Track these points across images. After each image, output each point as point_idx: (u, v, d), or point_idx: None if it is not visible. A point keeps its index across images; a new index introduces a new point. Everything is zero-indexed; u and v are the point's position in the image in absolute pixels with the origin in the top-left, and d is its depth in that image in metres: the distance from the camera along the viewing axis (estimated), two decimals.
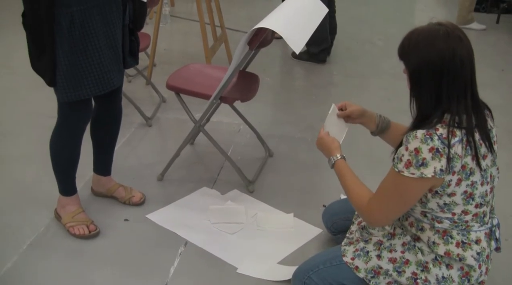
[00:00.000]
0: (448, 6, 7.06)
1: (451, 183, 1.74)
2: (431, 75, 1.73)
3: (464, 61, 1.72)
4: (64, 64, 2.23)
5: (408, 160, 1.72)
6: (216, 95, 2.78)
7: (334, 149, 2.10)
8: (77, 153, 2.55)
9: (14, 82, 4.36)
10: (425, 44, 1.74)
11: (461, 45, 1.73)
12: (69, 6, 2.17)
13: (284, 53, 5.19)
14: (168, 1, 6.39)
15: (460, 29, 1.77)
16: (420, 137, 1.70)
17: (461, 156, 1.71)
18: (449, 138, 1.69)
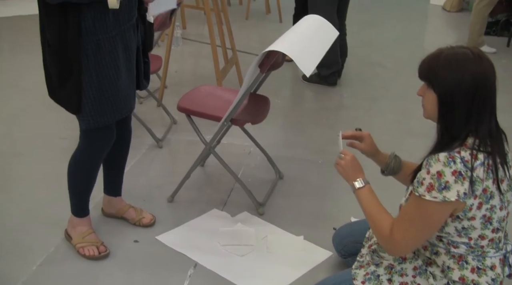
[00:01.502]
0: (459, 29, 7.07)
1: (473, 207, 1.72)
2: (464, 97, 1.71)
3: (493, 85, 1.73)
4: (90, 91, 2.27)
5: (430, 183, 1.69)
6: (227, 117, 2.79)
7: (358, 173, 2.01)
8: (95, 176, 2.58)
9: (27, 103, 4.41)
10: (459, 66, 1.72)
11: (491, 67, 1.73)
12: (96, 34, 2.21)
13: (295, 75, 5.21)
14: (180, 24, 6.45)
15: (483, 52, 1.77)
16: (443, 160, 1.68)
17: (482, 179, 1.69)
18: (472, 161, 1.68)
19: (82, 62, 2.22)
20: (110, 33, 2.25)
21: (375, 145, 2.20)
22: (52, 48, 2.23)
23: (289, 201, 3.12)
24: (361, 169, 2.02)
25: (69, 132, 2.46)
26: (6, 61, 5.66)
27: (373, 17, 7.80)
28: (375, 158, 2.21)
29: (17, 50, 6.07)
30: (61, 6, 2.13)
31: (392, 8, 8.50)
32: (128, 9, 2.29)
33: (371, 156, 2.21)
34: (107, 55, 2.26)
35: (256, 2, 8.23)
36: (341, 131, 2.18)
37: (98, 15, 2.19)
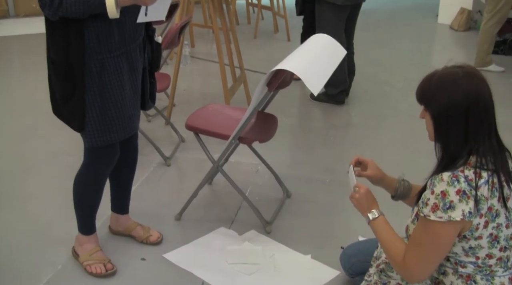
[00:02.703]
0: (467, 48, 7.07)
1: (479, 226, 1.71)
2: (458, 117, 1.72)
3: (488, 101, 1.73)
4: (94, 109, 2.28)
5: (434, 203, 1.68)
6: (234, 135, 2.80)
7: (372, 205, 2.00)
8: (101, 194, 2.58)
9: (35, 120, 4.43)
10: (449, 86, 1.74)
11: (484, 85, 1.74)
12: (100, 53, 2.22)
13: (303, 94, 5.22)
14: (189, 42, 6.50)
15: (479, 71, 1.78)
16: (446, 180, 1.68)
17: (487, 197, 1.68)
18: (476, 180, 1.67)
19: (86, 80, 2.23)
20: (115, 52, 2.27)
21: (381, 170, 2.19)
22: (56, 67, 2.25)
23: (297, 219, 3.11)
24: (375, 201, 2.02)
25: (77, 149, 2.47)
26: (15, 78, 5.70)
27: (380, 36, 7.82)
28: (382, 183, 2.19)
29: (26, 68, 6.12)
30: (64, 25, 2.15)
31: (399, 27, 8.53)
32: (134, 28, 2.30)
33: (378, 182, 2.19)
34: (111, 75, 2.28)
35: (265, 21, 8.27)
36: (351, 165, 2.17)
37: (103, 34, 2.20)
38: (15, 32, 7.50)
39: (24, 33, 7.40)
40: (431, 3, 9.70)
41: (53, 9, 2.07)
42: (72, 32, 2.16)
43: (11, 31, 7.56)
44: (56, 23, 2.15)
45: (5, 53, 6.72)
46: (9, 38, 7.26)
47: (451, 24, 8.29)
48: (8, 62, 6.43)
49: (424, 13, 9.49)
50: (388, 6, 10.45)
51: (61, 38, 2.18)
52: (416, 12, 9.70)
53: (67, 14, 2.09)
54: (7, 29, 7.67)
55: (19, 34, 7.41)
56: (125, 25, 2.26)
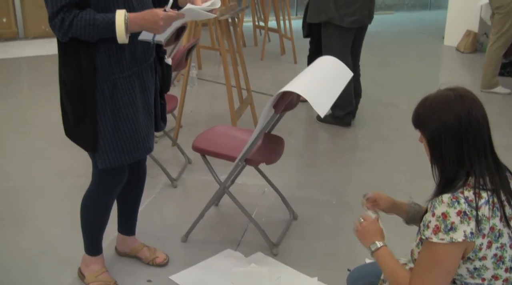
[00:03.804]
0: (473, 70, 7.09)
1: (482, 246, 1.70)
2: (451, 139, 1.73)
3: (481, 121, 1.75)
4: (107, 130, 2.28)
5: (435, 225, 1.68)
6: (241, 157, 2.80)
7: (374, 237, 1.98)
8: (108, 215, 2.58)
9: (44, 140, 4.46)
10: (441, 109, 1.76)
11: (476, 105, 1.76)
12: (112, 74, 2.24)
13: (309, 116, 5.24)
14: (196, 64, 6.54)
15: (471, 91, 1.80)
16: (446, 201, 1.68)
17: (488, 217, 1.68)
18: (476, 200, 1.67)
19: (98, 101, 2.24)
20: (127, 73, 2.28)
21: (390, 198, 2.18)
22: (68, 87, 2.26)
23: (303, 241, 3.10)
24: (378, 232, 1.99)
25: (85, 170, 2.48)
26: (25, 99, 5.75)
27: (386, 58, 7.86)
28: (394, 210, 2.18)
29: (34, 89, 6.17)
30: (75, 46, 2.17)
31: (405, 49, 8.56)
32: (145, 48, 2.33)
33: (390, 210, 2.17)
34: (124, 95, 2.29)
35: (271, 43, 8.33)
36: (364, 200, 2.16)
37: (114, 55, 2.22)
38: (24, 53, 7.58)
39: (33, 55, 7.48)
40: (437, 25, 9.76)
41: (63, 30, 2.10)
42: (83, 53, 2.18)
43: (20, 52, 7.64)
44: (67, 44, 2.18)
45: (15, 74, 6.79)
46: (18, 60, 7.34)
47: (457, 46, 8.33)
48: (17, 83, 6.49)
49: (430, 35, 9.55)
50: (394, 28, 10.51)
51: (73, 59, 2.20)
52: (422, 34, 9.76)
53: (77, 36, 2.12)
54: (16, 50, 7.75)
55: (28, 55, 7.49)
56: (136, 45, 2.28)
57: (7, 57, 7.40)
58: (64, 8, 2.08)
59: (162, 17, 2.13)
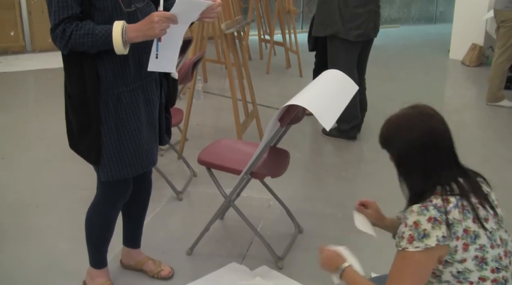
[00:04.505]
0: (478, 84, 7.09)
1: (458, 249, 1.74)
2: (416, 155, 1.82)
3: (443, 134, 1.83)
4: (110, 143, 2.29)
5: (409, 235, 1.74)
6: (246, 170, 2.81)
7: (336, 261, 2.06)
8: (112, 228, 2.58)
9: (49, 153, 4.47)
10: (403, 127, 1.86)
11: (436, 120, 1.84)
12: (117, 87, 2.25)
13: (315, 129, 5.24)
14: (201, 77, 6.56)
15: (431, 107, 1.89)
16: (416, 210, 1.75)
17: (460, 220, 1.73)
18: (444, 205, 1.74)
19: (102, 114, 2.25)
20: (132, 86, 2.29)
21: (381, 213, 2.27)
22: (72, 100, 2.27)
23: (309, 255, 3.09)
24: (337, 257, 2.08)
25: (91, 182, 2.48)
26: (32, 112, 5.77)
27: (392, 71, 7.87)
28: (381, 224, 2.26)
29: (40, 101, 6.20)
30: (79, 58, 2.18)
31: (411, 63, 8.57)
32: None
33: (377, 222, 2.26)
34: (127, 108, 2.29)
35: (277, 57, 8.35)
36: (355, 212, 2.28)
37: (118, 68, 2.23)
38: (31, 66, 7.63)
39: (40, 68, 7.52)
40: (443, 39, 9.78)
41: (64, 41, 2.11)
42: (87, 66, 2.19)
43: (27, 65, 7.69)
44: (71, 57, 2.19)
45: (22, 87, 6.82)
46: (25, 73, 7.38)
47: (462, 60, 8.33)
48: (24, 95, 6.52)
49: (435, 48, 9.56)
50: (399, 42, 10.53)
51: (77, 72, 2.22)
52: (427, 48, 9.78)
53: (76, 47, 2.13)
54: (23, 63, 7.80)
55: (35, 68, 7.54)
56: (142, 59, 2.28)
57: (15, 70, 7.45)
58: (66, 20, 2.11)
59: (156, 14, 2.11)
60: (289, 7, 7.51)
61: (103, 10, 2.17)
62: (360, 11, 4.54)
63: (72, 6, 2.11)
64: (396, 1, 13.03)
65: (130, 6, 2.24)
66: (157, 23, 2.09)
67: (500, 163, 4.42)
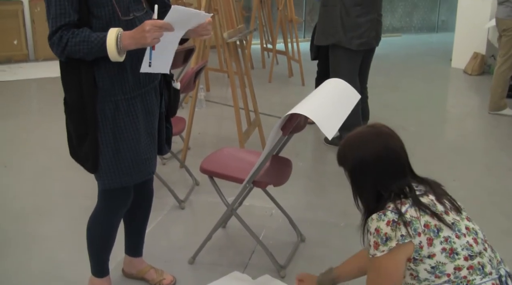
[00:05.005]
0: (480, 93, 7.09)
1: (422, 244, 1.82)
2: (368, 171, 1.94)
3: (398, 151, 1.96)
4: (107, 151, 2.29)
5: (374, 241, 1.84)
6: (249, 179, 2.81)
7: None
8: (114, 236, 2.58)
9: (52, 161, 4.48)
10: (358, 145, 1.97)
11: (392, 139, 1.98)
12: (114, 95, 2.25)
13: (317, 138, 5.24)
14: (204, 86, 6.57)
15: (387, 126, 2.04)
16: (375, 218, 1.86)
17: (417, 217, 1.83)
18: (399, 207, 1.84)
19: (99, 122, 2.25)
20: (129, 95, 2.29)
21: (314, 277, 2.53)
22: (70, 108, 2.28)
23: (311, 264, 3.08)
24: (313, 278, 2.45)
25: (92, 191, 2.48)
26: (34, 120, 5.79)
27: (394, 80, 7.87)
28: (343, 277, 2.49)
29: (43, 110, 6.22)
30: (77, 66, 2.19)
31: (413, 72, 8.58)
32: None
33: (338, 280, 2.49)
34: (125, 117, 2.29)
35: (279, 66, 8.37)
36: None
37: (116, 76, 2.23)
38: (34, 75, 7.66)
39: (43, 77, 7.55)
40: (445, 48, 9.79)
41: (61, 48, 2.12)
42: (84, 74, 2.19)
43: (30, 74, 7.72)
44: (69, 65, 2.20)
45: (24, 96, 6.85)
46: (28, 81, 7.41)
47: (464, 69, 8.34)
48: (27, 104, 6.55)
49: (437, 57, 9.57)
50: (401, 50, 10.55)
51: (74, 80, 2.22)
52: (429, 57, 9.79)
53: (72, 54, 2.13)
54: (27, 72, 7.84)
55: (38, 77, 7.56)
56: (140, 67, 2.28)
57: (18, 78, 7.48)
58: (63, 27, 2.11)
59: (148, 23, 2.09)
60: (291, 16, 7.54)
61: (100, 18, 2.18)
62: (362, 20, 4.55)
63: (70, 14, 2.12)
64: (398, 10, 13.07)
65: (128, 14, 2.24)
66: (148, 32, 2.07)
67: (503, 172, 4.41)
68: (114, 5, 2.18)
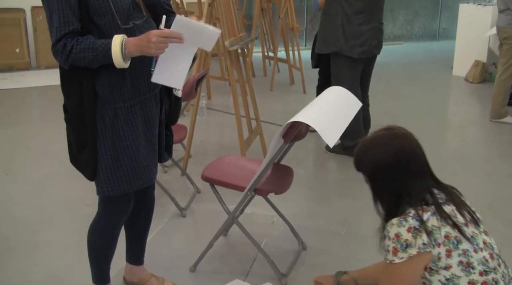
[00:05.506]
0: (482, 100, 7.10)
1: (441, 255, 1.79)
2: (389, 175, 1.90)
3: (414, 152, 1.93)
4: (106, 159, 2.29)
5: (393, 247, 1.81)
6: (250, 187, 2.81)
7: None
8: (115, 244, 2.58)
9: (53, 169, 4.48)
10: (374, 149, 1.95)
11: (408, 139, 1.95)
12: (114, 103, 2.25)
13: (318, 146, 5.24)
14: (205, 94, 6.58)
15: (403, 128, 2.00)
16: (396, 223, 1.82)
17: (439, 226, 1.80)
18: (421, 214, 1.81)
19: (99, 130, 2.26)
20: (129, 102, 2.29)
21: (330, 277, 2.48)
22: (70, 115, 2.28)
23: (313, 272, 3.07)
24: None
25: (94, 199, 2.48)
26: (36, 128, 5.80)
27: (395, 88, 7.88)
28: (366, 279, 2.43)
29: (44, 118, 6.23)
30: (77, 73, 2.19)
31: (414, 80, 8.59)
32: (147, 78, 2.31)
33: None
34: (125, 125, 2.30)
35: (281, 74, 8.38)
36: None
37: (116, 83, 2.24)
38: (36, 83, 7.68)
39: (45, 84, 7.57)
40: (446, 56, 9.81)
41: (65, 55, 2.12)
42: (85, 82, 2.20)
43: (32, 82, 7.74)
44: (69, 72, 2.21)
45: (27, 103, 6.87)
46: (30, 89, 7.43)
47: (465, 76, 8.35)
48: (29, 112, 6.56)
49: (438, 65, 9.59)
50: (402, 58, 10.57)
51: (74, 87, 2.22)
52: (430, 65, 9.80)
53: (76, 61, 2.14)
54: (29, 80, 7.86)
55: (40, 85, 7.58)
56: (138, 75, 2.29)
57: (20, 86, 7.50)
58: (67, 35, 2.12)
59: (154, 33, 2.11)
60: (293, 24, 7.56)
61: (101, 26, 2.19)
62: (363, 29, 4.56)
63: (73, 22, 2.13)
64: (399, 18, 13.10)
65: (128, 22, 2.24)
66: (154, 43, 2.10)
67: (504, 180, 4.41)
68: (113, 14, 2.19)
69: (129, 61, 2.18)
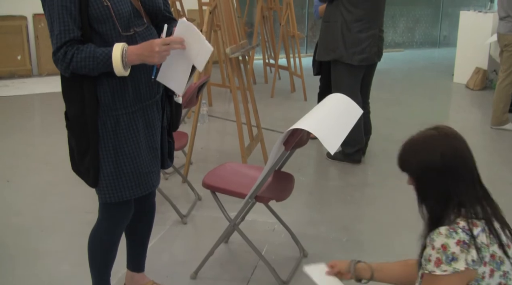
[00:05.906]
0: (483, 107, 7.10)
1: (485, 275, 1.71)
2: (437, 177, 1.79)
3: (465, 155, 1.82)
4: (108, 165, 2.29)
5: (437, 258, 1.70)
6: (251, 194, 2.81)
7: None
8: (115, 250, 2.57)
9: (54, 177, 4.48)
10: (424, 148, 1.83)
11: (458, 141, 1.83)
12: (115, 109, 2.26)
13: (319, 153, 5.24)
14: (206, 101, 6.59)
15: (452, 128, 1.88)
16: (444, 233, 1.71)
17: (488, 244, 1.71)
18: (471, 228, 1.70)
19: (100, 136, 2.26)
20: (130, 109, 2.30)
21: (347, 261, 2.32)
22: (71, 122, 2.29)
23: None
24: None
25: (94, 206, 2.48)
26: (37, 135, 5.81)
27: (396, 95, 7.88)
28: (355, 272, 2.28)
29: (46, 125, 6.24)
30: (79, 81, 2.20)
31: (415, 87, 8.60)
32: (149, 85, 2.33)
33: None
34: (126, 131, 2.30)
35: (282, 81, 8.39)
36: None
37: (117, 90, 2.24)
38: (37, 90, 7.69)
39: (46, 92, 7.58)
40: (447, 63, 9.82)
41: (66, 63, 2.13)
42: (86, 89, 2.21)
43: (34, 89, 7.75)
44: (71, 79, 2.21)
45: (28, 111, 6.87)
46: (32, 96, 7.44)
47: (466, 83, 8.36)
48: (30, 119, 6.56)
49: (439, 72, 9.59)
50: (403, 65, 10.57)
51: (76, 94, 2.23)
52: (431, 72, 9.81)
53: (77, 70, 2.14)
54: (30, 87, 7.87)
55: (42, 92, 7.59)
56: (140, 81, 2.30)
57: (21, 93, 7.51)
58: (68, 43, 2.13)
59: (157, 43, 2.13)
60: (294, 31, 7.57)
61: (102, 33, 2.20)
62: (363, 36, 4.57)
63: (74, 30, 2.14)
64: (400, 25, 13.12)
65: (129, 30, 2.25)
66: (157, 52, 2.12)
67: (505, 187, 4.40)
68: (114, 21, 2.19)
69: (129, 69, 2.19)
